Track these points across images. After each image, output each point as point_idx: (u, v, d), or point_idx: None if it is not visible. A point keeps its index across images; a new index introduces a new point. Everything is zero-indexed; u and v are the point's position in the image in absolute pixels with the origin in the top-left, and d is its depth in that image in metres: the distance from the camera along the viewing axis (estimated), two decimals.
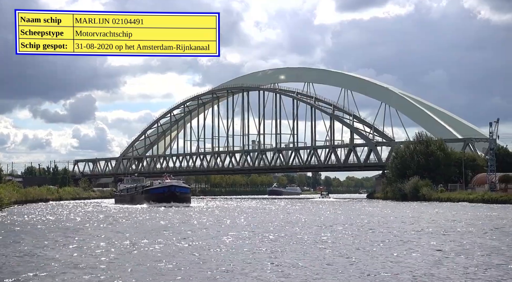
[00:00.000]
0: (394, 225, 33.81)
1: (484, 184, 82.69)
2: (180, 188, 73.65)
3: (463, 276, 15.85)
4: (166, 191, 71.32)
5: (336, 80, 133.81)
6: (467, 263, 18.06)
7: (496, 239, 25.51)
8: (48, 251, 21.62)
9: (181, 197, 71.31)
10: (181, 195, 71.66)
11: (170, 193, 70.93)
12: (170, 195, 70.49)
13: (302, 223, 36.29)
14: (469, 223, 35.45)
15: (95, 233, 29.55)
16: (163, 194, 70.73)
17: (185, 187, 76.52)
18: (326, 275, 16.13)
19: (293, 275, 16.04)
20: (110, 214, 50.37)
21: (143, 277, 15.66)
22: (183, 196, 72.23)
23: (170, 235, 27.67)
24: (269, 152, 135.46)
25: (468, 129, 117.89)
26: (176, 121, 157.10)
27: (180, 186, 74.42)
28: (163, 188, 72.20)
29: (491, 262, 18.34)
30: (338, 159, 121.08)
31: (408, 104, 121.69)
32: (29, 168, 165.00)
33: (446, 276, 15.82)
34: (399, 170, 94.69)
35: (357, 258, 19.24)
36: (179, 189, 72.81)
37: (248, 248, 22.16)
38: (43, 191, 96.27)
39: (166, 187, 72.29)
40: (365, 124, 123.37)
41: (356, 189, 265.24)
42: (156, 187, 73.46)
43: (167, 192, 71.13)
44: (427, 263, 18.02)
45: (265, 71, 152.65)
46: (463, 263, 18.04)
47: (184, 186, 76.38)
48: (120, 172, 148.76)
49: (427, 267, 17.25)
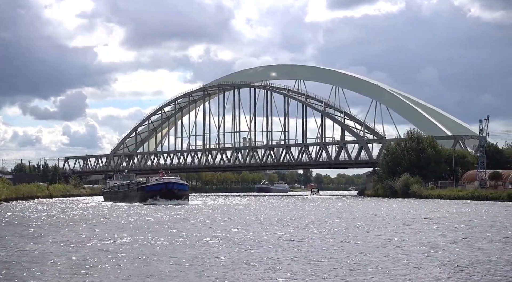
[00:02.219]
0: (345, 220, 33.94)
1: (474, 181, 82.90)
2: (178, 184, 69.80)
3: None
4: (163, 188, 67.59)
5: (327, 77, 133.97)
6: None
7: (440, 235, 26.00)
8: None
9: (179, 194, 67.85)
10: (179, 192, 68.14)
11: (167, 190, 67.29)
12: (167, 192, 66.89)
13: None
14: (433, 219, 35.87)
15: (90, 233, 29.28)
16: (160, 191, 67.12)
17: (183, 184, 72.69)
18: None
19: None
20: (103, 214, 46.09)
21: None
22: (181, 193, 68.69)
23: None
24: (260, 149, 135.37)
25: (458, 126, 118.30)
26: (167, 119, 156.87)
27: (178, 182, 70.57)
28: (160, 185, 68.44)
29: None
30: (329, 156, 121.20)
31: (399, 102, 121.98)
32: (19, 165, 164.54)
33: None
34: (390, 167, 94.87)
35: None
36: (177, 185, 69.03)
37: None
38: (33, 188, 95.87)
39: (163, 183, 68.55)
40: (356, 121, 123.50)
41: (347, 186, 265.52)
42: (152, 184, 69.70)
43: (164, 189, 67.38)
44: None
45: (256, 68, 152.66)
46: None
47: (182, 182, 72.51)
48: (110, 169, 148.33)
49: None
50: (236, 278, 15.09)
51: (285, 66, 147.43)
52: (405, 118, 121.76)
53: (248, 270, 16.33)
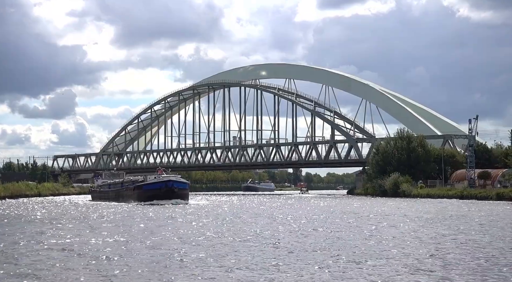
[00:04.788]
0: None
1: (463, 180, 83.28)
2: (179, 183, 65.10)
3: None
4: (163, 186, 63.09)
5: (317, 76, 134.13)
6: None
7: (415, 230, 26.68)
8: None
9: (179, 193, 63.42)
10: (179, 191, 63.61)
11: (167, 189, 62.71)
12: (167, 192, 62.43)
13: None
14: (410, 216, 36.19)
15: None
16: (159, 190, 62.76)
17: (184, 182, 67.45)
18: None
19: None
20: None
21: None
22: (181, 192, 64.19)
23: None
24: (250, 148, 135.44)
25: (447, 126, 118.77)
26: (156, 117, 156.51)
27: (179, 181, 65.75)
28: (159, 184, 63.84)
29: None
30: (319, 155, 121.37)
31: (388, 101, 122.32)
32: (8, 164, 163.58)
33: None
34: (379, 166, 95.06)
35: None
36: (177, 184, 64.35)
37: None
38: (22, 186, 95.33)
39: (163, 182, 63.89)
40: (346, 120, 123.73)
41: (337, 185, 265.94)
42: (150, 182, 65.11)
43: (164, 187, 62.89)
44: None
45: (246, 68, 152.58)
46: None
47: (182, 181, 67.34)
48: (100, 168, 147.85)
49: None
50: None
51: (275, 65, 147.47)
52: (395, 118, 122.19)
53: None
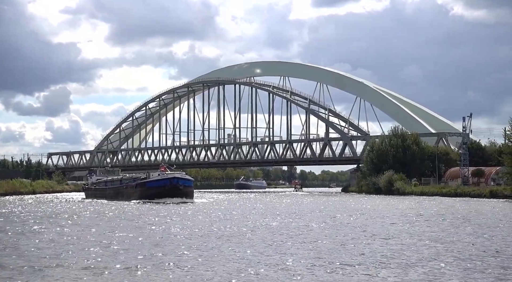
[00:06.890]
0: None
1: (457, 178, 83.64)
2: (184, 180, 62.19)
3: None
4: (167, 183, 60.54)
5: (311, 74, 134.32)
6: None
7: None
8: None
9: (184, 191, 60.66)
10: (184, 189, 60.89)
11: (172, 186, 60.10)
12: (172, 189, 59.81)
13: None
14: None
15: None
16: (164, 188, 60.12)
17: (189, 179, 64.06)
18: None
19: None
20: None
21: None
22: (186, 190, 61.33)
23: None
24: (244, 146, 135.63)
25: (441, 123, 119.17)
26: (151, 115, 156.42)
27: (184, 178, 62.73)
28: (163, 181, 61.21)
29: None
30: (314, 152, 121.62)
31: (383, 99, 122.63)
32: (2, 161, 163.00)
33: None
34: (374, 164, 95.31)
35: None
36: (182, 181, 61.53)
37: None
38: (16, 184, 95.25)
39: (168, 179, 61.18)
40: (340, 118, 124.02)
41: (331, 183, 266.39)
42: (154, 179, 62.27)
43: (168, 185, 60.33)
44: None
45: (241, 65, 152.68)
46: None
47: (187, 178, 63.92)
48: (94, 165, 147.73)
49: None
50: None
51: (270, 63, 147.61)
52: (389, 116, 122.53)
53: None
